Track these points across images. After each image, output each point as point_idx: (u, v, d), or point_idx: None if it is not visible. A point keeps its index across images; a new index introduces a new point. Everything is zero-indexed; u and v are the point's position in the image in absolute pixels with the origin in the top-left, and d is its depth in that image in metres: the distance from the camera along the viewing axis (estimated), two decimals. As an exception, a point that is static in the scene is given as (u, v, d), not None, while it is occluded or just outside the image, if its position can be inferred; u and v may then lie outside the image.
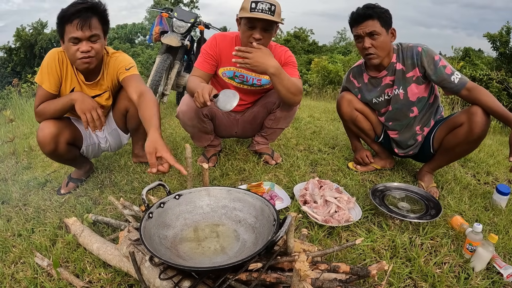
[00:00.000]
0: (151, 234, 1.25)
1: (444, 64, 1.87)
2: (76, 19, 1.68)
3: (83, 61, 1.78)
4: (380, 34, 1.86)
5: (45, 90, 1.85)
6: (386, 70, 2.01)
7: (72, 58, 1.79)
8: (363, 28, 1.88)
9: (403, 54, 1.96)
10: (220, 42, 2.11)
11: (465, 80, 1.85)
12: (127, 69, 1.95)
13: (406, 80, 1.97)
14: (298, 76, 2.12)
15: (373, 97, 2.12)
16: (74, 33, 1.70)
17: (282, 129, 2.39)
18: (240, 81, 2.18)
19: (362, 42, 1.91)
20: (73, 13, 1.67)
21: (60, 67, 1.86)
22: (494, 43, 9.72)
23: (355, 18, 1.91)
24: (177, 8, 3.94)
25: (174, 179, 2.21)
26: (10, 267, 1.46)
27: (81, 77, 1.92)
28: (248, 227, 1.38)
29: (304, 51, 24.75)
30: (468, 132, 1.84)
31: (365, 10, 1.86)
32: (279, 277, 1.12)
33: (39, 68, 1.87)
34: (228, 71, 2.15)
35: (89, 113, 1.81)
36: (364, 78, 2.13)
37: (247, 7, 1.85)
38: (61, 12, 1.72)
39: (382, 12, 1.86)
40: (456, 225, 1.66)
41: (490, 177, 2.36)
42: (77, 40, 1.72)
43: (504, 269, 1.38)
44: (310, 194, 1.86)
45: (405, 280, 1.35)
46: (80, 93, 1.87)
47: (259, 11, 1.83)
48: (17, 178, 2.43)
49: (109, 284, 1.33)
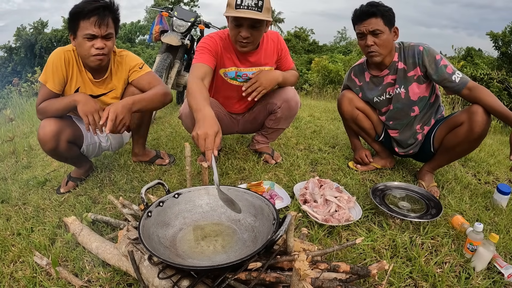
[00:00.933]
0: (150, 233, 1.24)
1: (445, 63, 1.87)
2: (93, 16, 1.72)
3: (97, 57, 1.81)
4: (383, 32, 1.86)
5: (48, 89, 1.84)
6: (387, 69, 2.00)
7: (86, 54, 1.80)
8: (366, 26, 1.87)
9: (405, 53, 1.95)
10: (219, 41, 2.02)
11: (466, 80, 1.84)
12: (140, 68, 2.03)
13: (408, 79, 1.97)
14: (292, 62, 2.28)
15: (374, 96, 2.11)
16: (91, 30, 1.74)
17: (283, 129, 2.38)
18: (244, 80, 2.15)
19: (365, 39, 1.90)
20: (91, 10, 1.71)
21: (65, 67, 1.86)
22: (496, 42, 9.71)
23: (359, 15, 1.90)
24: (177, 7, 3.93)
25: (173, 178, 2.21)
26: (9, 266, 1.46)
27: (89, 75, 1.93)
28: (247, 226, 1.37)
29: (305, 51, 24.75)
30: (469, 131, 1.83)
31: (368, 8, 1.85)
32: (278, 276, 1.12)
33: (44, 66, 1.87)
34: (230, 72, 2.11)
35: (91, 115, 1.81)
36: (366, 77, 2.12)
37: (232, 3, 1.78)
38: (75, 8, 1.74)
39: (385, 11, 1.85)
40: (456, 224, 1.65)
41: (490, 177, 2.36)
42: (93, 36, 1.76)
43: (505, 269, 1.37)
44: (310, 193, 1.86)
45: (405, 280, 1.34)
46: (84, 94, 1.86)
47: (245, 7, 1.75)
48: (17, 177, 2.43)
49: (108, 283, 1.32)
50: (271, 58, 2.14)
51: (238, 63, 2.08)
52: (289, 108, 2.19)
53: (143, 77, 2.03)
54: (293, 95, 2.18)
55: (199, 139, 1.43)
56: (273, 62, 2.16)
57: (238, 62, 2.08)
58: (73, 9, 1.75)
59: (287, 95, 2.18)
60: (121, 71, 2.02)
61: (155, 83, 2.02)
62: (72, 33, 1.80)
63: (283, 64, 2.20)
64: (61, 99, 1.88)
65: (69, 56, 1.87)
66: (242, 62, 2.08)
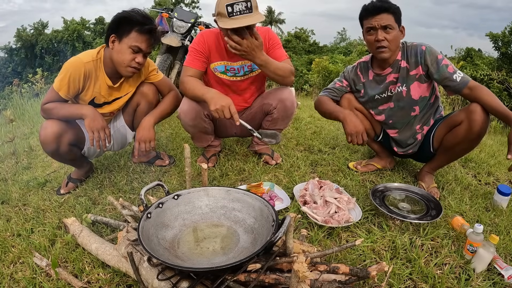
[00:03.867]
0: (149, 234, 1.24)
1: (446, 63, 1.87)
2: (149, 34, 1.81)
3: (132, 70, 1.88)
4: (394, 28, 1.86)
5: (59, 95, 1.83)
6: (390, 67, 2.00)
7: (124, 62, 1.83)
8: (378, 21, 1.86)
9: (408, 52, 1.96)
10: (208, 38, 2.11)
11: (467, 79, 1.84)
12: (157, 72, 2.15)
13: (410, 78, 1.97)
14: (285, 56, 2.15)
15: (376, 93, 2.11)
16: (141, 45, 1.82)
17: (281, 129, 2.38)
18: (232, 74, 2.18)
19: (376, 34, 1.89)
20: (150, 29, 1.81)
21: (84, 81, 1.86)
22: (496, 43, 9.69)
23: (370, 10, 1.88)
24: (177, 8, 3.94)
25: (173, 179, 2.21)
26: (9, 267, 1.46)
27: (108, 80, 1.94)
28: (247, 228, 1.37)
29: (305, 52, 24.76)
30: (468, 130, 1.83)
31: (381, 3, 1.85)
32: (278, 278, 1.12)
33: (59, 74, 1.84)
34: (219, 66, 2.15)
35: (97, 132, 1.84)
36: (370, 75, 2.12)
37: (224, 12, 1.79)
38: (132, 17, 1.79)
39: (396, 8, 1.86)
40: (456, 225, 1.65)
41: (491, 178, 2.35)
42: (139, 50, 1.82)
43: (505, 270, 1.37)
44: (310, 195, 1.86)
45: (405, 281, 1.34)
46: (92, 109, 1.87)
47: (238, 13, 1.79)
48: (17, 178, 2.43)
49: (107, 284, 1.32)
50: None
51: (227, 57, 2.13)
52: (285, 108, 2.19)
53: (162, 82, 2.17)
54: (288, 95, 2.18)
55: (224, 109, 1.83)
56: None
57: (226, 56, 2.13)
58: (129, 16, 1.79)
59: (282, 95, 2.18)
60: (138, 75, 2.05)
61: (172, 88, 2.21)
62: (117, 37, 1.81)
63: (272, 55, 2.10)
64: (68, 107, 1.88)
65: (89, 68, 1.85)
66: (231, 56, 2.12)
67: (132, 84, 2.07)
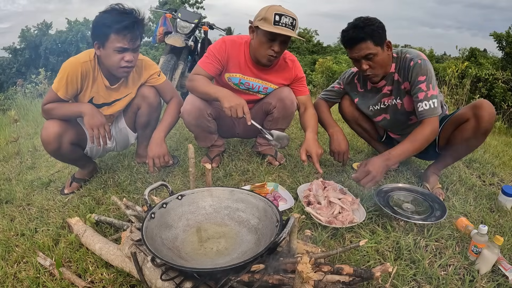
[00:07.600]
0: (153, 234, 1.24)
1: (423, 88, 1.80)
2: (127, 30, 1.72)
3: (125, 70, 1.83)
4: (375, 54, 1.80)
5: (57, 96, 1.83)
6: (385, 79, 1.97)
7: (114, 65, 1.80)
8: (357, 52, 1.81)
9: (400, 64, 1.91)
10: (230, 47, 2.08)
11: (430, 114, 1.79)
12: (158, 75, 2.12)
13: (401, 91, 1.95)
14: (307, 90, 2.29)
15: (370, 104, 2.10)
16: (123, 44, 1.74)
17: (283, 129, 2.36)
18: (246, 88, 2.19)
19: (359, 64, 1.86)
20: (126, 26, 1.71)
21: (82, 81, 1.85)
22: (500, 43, 9.63)
23: (347, 41, 1.84)
24: (181, 9, 3.95)
25: (177, 179, 2.21)
26: (12, 267, 1.46)
27: (106, 81, 1.93)
28: (251, 228, 1.37)
29: (309, 52, 24.69)
30: (476, 126, 1.80)
31: (356, 34, 1.77)
32: (281, 278, 1.11)
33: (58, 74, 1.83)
34: (234, 78, 2.14)
35: (96, 129, 1.83)
36: (368, 85, 2.10)
37: (270, 19, 1.83)
38: (105, 19, 1.72)
39: (373, 30, 1.76)
40: (461, 226, 1.64)
41: (495, 178, 2.34)
42: (124, 50, 1.76)
43: (509, 271, 1.36)
44: (314, 195, 1.85)
45: (409, 282, 1.34)
46: (91, 106, 1.87)
47: (283, 25, 1.84)
48: (21, 177, 2.44)
49: (111, 284, 1.33)
50: (280, 79, 2.19)
51: (244, 71, 2.12)
52: (285, 107, 2.19)
53: (164, 86, 2.16)
54: (287, 94, 2.17)
55: (237, 108, 1.83)
56: (279, 83, 2.20)
57: (244, 69, 2.12)
58: (101, 19, 1.73)
59: (282, 94, 2.17)
60: (138, 76, 2.04)
61: (173, 94, 2.20)
62: (99, 43, 1.77)
63: (298, 90, 2.24)
64: (68, 106, 1.88)
65: (86, 68, 1.84)
66: (249, 71, 2.12)
67: (131, 86, 2.05)
